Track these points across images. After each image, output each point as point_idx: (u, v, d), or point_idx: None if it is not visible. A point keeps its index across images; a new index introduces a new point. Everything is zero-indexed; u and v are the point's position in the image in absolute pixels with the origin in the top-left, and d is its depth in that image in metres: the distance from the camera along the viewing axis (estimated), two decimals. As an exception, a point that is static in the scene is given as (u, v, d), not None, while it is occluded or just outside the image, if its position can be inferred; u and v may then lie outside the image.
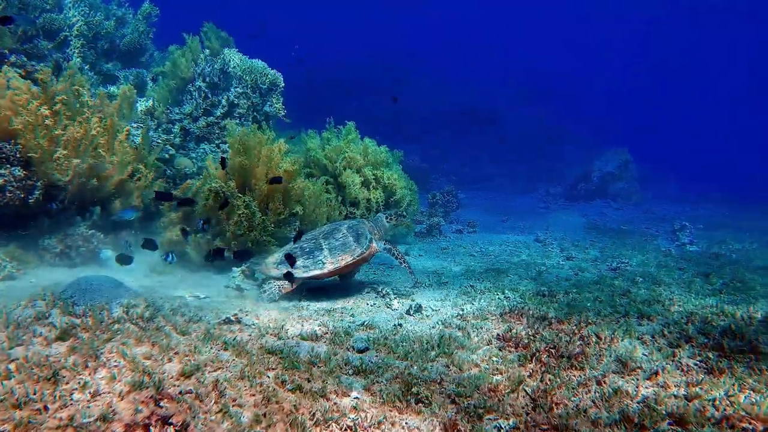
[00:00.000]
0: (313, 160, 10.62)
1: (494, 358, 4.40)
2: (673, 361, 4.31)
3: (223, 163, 6.90)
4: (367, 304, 6.04)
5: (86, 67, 10.36)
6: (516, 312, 5.72)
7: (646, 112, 49.40)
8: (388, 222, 7.45)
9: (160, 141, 8.81)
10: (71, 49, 10.87)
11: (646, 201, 23.06)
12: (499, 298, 6.63)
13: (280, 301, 5.90)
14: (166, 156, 8.79)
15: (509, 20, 55.39)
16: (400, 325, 5.17)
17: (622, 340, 4.89)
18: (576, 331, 5.08)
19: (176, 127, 9.47)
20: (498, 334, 4.98)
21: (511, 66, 46.86)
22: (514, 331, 5.14)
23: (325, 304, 6.05)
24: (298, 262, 6.30)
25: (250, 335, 4.31)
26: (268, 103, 10.66)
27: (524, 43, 53.90)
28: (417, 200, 11.59)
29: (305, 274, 6.28)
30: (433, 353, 4.36)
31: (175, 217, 6.79)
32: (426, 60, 43.43)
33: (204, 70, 10.76)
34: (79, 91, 6.50)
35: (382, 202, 10.40)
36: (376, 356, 4.26)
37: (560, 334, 5.04)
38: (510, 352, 4.60)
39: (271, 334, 4.42)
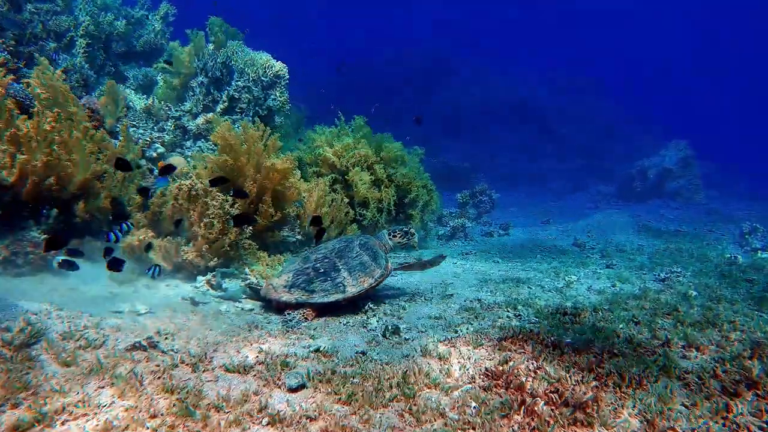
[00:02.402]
0: (321, 158, 9.76)
1: (471, 405, 3.30)
2: (725, 420, 3.04)
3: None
4: (339, 322, 5.05)
5: (86, 66, 10.03)
6: (521, 336, 4.54)
7: (710, 103, 45.27)
8: (391, 239, 6.48)
9: (147, 138, 8.25)
10: (76, 49, 10.62)
11: (711, 200, 20.59)
12: (507, 316, 5.46)
13: (233, 317, 5.03)
14: (154, 154, 8.21)
15: (557, 9, 52.52)
16: (364, 353, 4.14)
17: (655, 382, 3.64)
18: (593, 367, 3.87)
19: (169, 123, 8.90)
20: (487, 368, 3.85)
21: (559, 58, 44.36)
22: (511, 363, 4.00)
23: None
24: (315, 286, 5.46)
25: (158, 366, 3.44)
26: (271, 96, 9.92)
27: (573, 34, 50.94)
28: (437, 200, 10.48)
29: (326, 300, 5.40)
30: (388, 395, 3.32)
31: (141, 217, 6.11)
32: (470, 54, 41.91)
33: (207, 65, 10.20)
34: (30, 83, 5.95)
35: (394, 202, 9.38)
36: (311, 397, 3.27)
37: (571, 370, 3.85)
38: (496, 394, 3.48)
39: (187, 365, 3.54)
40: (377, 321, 5.01)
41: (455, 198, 15.58)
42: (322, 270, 5.69)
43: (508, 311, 5.66)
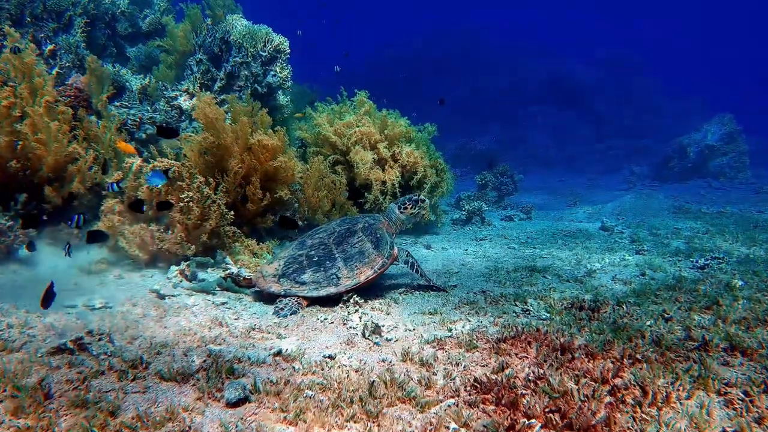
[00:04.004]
0: (322, 137, 9.13)
1: (450, 426, 2.65)
2: (781, 458, 2.29)
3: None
4: (317, 318, 4.44)
5: (82, 46, 9.64)
6: (524, 337, 3.84)
7: (758, 73, 42.09)
8: (401, 212, 5.80)
9: (136, 119, 7.79)
10: (74, 29, 10.25)
11: (759, 179, 18.95)
12: (514, 312, 4.74)
13: (199, 311, 4.49)
14: (143, 136, 7.76)
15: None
16: (333, 357, 3.53)
17: (687, 398, 2.90)
18: (609, 377, 3.15)
19: (161, 102, 8.42)
20: (476, 378, 3.18)
21: (595, 33, 42.12)
22: (507, 372, 3.32)
23: (263, 310, 4.56)
24: (307, 276, 4.94)
25: (79, 373, 2.92)
26: (271, 72, 9.31)
27: (607, 8, 48.22)
28: (449, 182, 9.70)
29: (316, 293, 4.90)
30: (347, 412, 2.70)
31: (113, 203, 5.63)
32: (500, 31, 40.31)
33: (205, 41, 9.66)
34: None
35: (399, 184, 8.68)
36: (252, 414, 2.68)
37: (582, 381, 3.14)
38: (483, 413, 2.81)
39: (115, 372, 3.00)
40: (359, 317, 4.37)
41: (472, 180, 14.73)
42: (316, 258, 5.12)
43: (515, 305, 4.93)
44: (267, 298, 5.10)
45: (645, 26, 45.74)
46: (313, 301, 4.92)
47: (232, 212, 6.06)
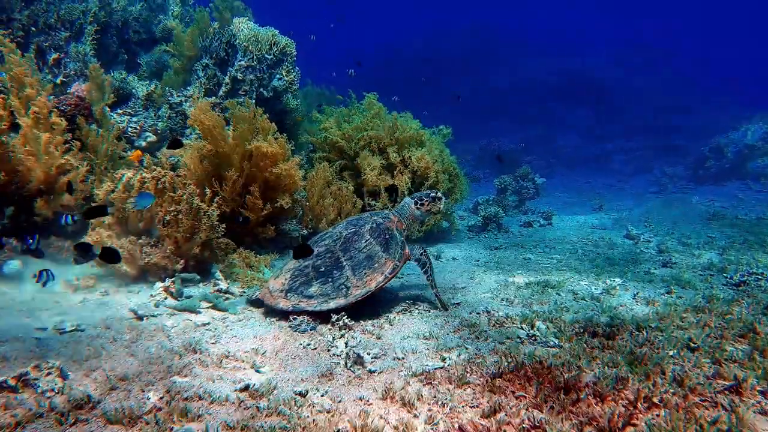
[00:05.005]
0: (329, 142, 8.82)
1: (420, 492, 2.25)
2: None
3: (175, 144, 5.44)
4: (299, 344, 4.08)
5: (90, 54, 9.59)
6: (523, 372, 3.40)
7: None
8: (418, 208, 5.40)
9: (137, 126, 7.64)
10: (84, 38, 10.25)
11: (805, 181, 17.70)
12: (518, 337, 4.28)
13: (176, 334, 4.20)
14: (143, 143, 7.60)
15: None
16: (304, 394, 3.17)
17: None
18: (617, 425, 2.70)
19: (163, 109, 8.26)
20: (461, 425, 2.77)
21: (624, 26, 40.64)
22: (500, 416, 2.89)
23: (245, 333, 4.24)
24: (314, 289, 4.65)
25: (12, 417, 2.64)
26: (277, 76, 9.05)
27: None
28: (463, 188, 9.24)
29: (326, 306, 4.58)
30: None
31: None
32: (523, 27, 39.36)
33: (212, 45, 9.49)
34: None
35: (409, 190, 8.29)
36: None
37: (586, 429, 2.70)
38: (462, 474, 2.40)
39: (57, 413, 2.72)
40: (345, 343, 4.00)
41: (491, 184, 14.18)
42: (323, 269, 4.80)
43: (522, 328, 4.48)
44: (269, 313, 4.79)
45: (677, 15, 43.79)
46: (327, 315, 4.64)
47: (224, 225, 5.78)
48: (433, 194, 5.48)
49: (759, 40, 42.25)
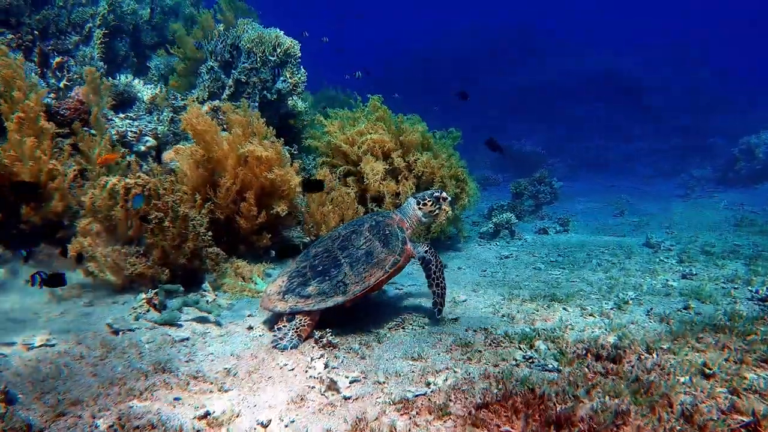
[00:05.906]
0: (333, 146, 8.58)
1: None
2: None
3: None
4: (277, 363, 3.83)
5: (96, 58, 9.60)
6: (512, 401, 3.07)
7: None
8: (420, 209, 5.13)
9: (136, 130, 7.54)
10: (93, 41, 10.27)
11: (844, 184, 16.72)
12: (514, 359, 3.95)
13: (149, 351, 4.00)
14: (142, 148, 7.49)
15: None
16: (266, 424, 2.91)
17: None
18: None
19: (164, 113, 8.15)
20: (432, 469, 2.47)
21: (651, 24, 39.40)
22: (478, 458, 2.58)
23: (224, 350, 4.00)
24: (311, 288, 4.45)
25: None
26: (281, 78, 8.86)
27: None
28: (472, 193, 8.87)
29: (323, 305, 4.38)
30: None
31: (87, 223, 5.30)
32: (546, 24, 38.56)
33: (216, 48, 9.37)
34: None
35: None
36: None
37: (574, 479, 2.37)
38: None
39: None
40: (324, 364, 3.73)
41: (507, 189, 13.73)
42: (321, 268, 4.58)
43: (520, 348, 4.14)
44: (255, 328, 4.58)
45: (704, 12, 42.24)
46: (323, 316, 4.43)
47: (210, 233, 5.59)
48: (437, 194, 5.17)
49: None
